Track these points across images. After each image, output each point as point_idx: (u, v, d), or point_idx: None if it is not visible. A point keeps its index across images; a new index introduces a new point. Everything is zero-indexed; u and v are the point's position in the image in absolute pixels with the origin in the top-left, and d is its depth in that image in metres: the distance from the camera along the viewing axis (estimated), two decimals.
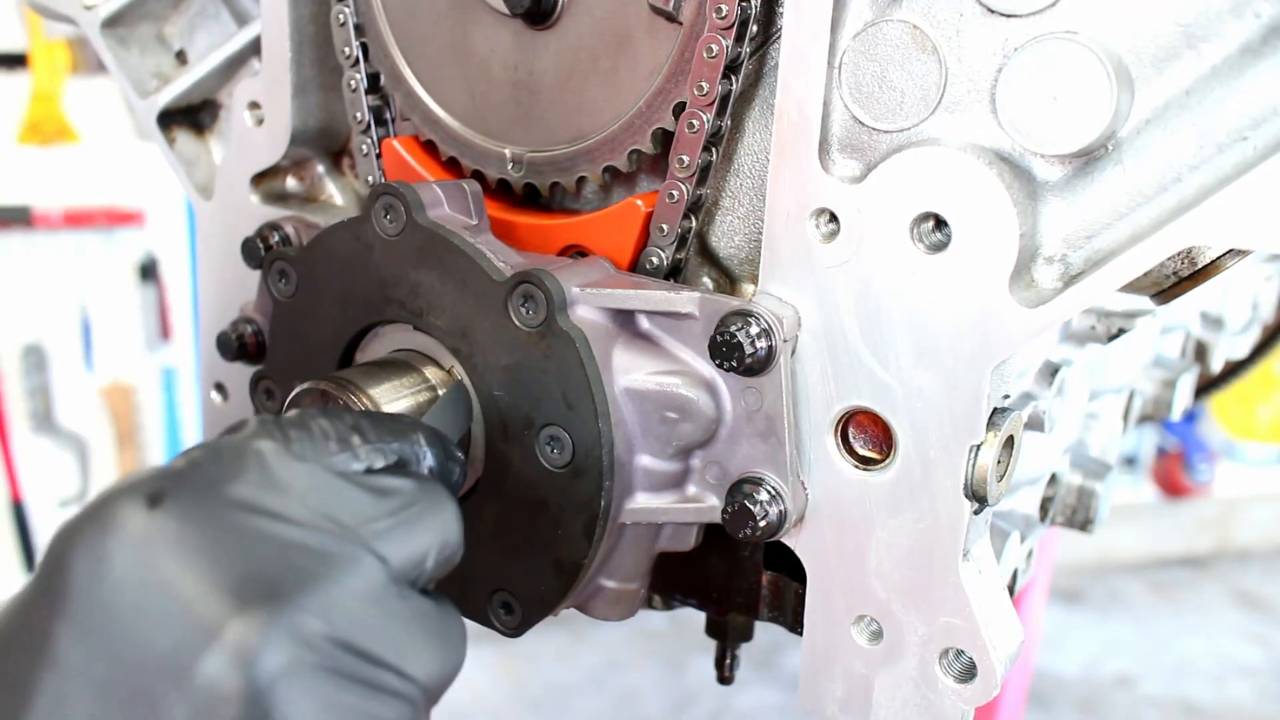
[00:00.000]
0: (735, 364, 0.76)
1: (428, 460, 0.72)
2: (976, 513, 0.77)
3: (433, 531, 0.67)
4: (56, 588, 0.58)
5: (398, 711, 0.60)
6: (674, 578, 0.97)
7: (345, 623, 0.59)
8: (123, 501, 0.59)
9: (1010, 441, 0.78)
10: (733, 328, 0.76)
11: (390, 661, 0.60)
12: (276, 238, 1.00)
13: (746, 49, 0.80)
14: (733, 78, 0.81)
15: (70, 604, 0.57)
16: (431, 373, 0.86)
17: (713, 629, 1.05)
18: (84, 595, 0.57)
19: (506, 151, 0.92)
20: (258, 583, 0.58)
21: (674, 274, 0.88)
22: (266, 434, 0.65)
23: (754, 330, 0.76)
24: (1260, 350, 1.95)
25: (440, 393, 0.86)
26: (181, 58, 1.14)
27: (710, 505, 0.83)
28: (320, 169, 1.09)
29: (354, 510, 0.64)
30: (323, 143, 1.07)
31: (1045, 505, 1.10)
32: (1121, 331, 1.04)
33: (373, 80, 0.97)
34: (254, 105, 1.03)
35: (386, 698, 0.60)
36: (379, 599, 0.62)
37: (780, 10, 0.80)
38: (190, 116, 1.13)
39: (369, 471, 0.68)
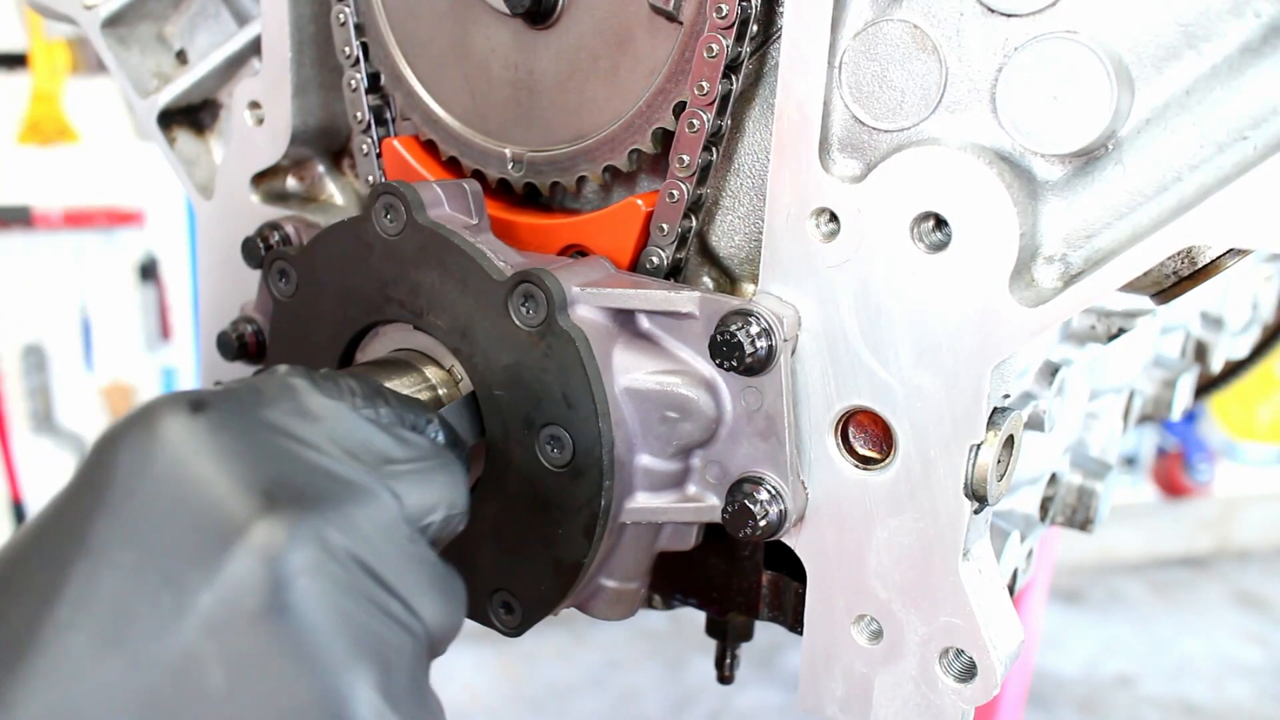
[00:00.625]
0: (735, 363, 0.76)
1: (439, 439, 0.76)
2: (976, 512, 0.77)
3: (444, 488, 0.70)
4: (98, 482, 0.61)
5: (401, 640, 0.62)
6: (674, 577, 0.97)
7: (363, 543, 0.61)
8: (167, 407, 0.63)
9: (1010, 441, 0.78)
10: (733, 327, 0.76)
11: (399, 592, 0.62)
12: (277, 237, 1.00)
13: (747, 48, 0.80)
14: (733, 77, 0.81)
15: (110, 497, 0.60)
16: (432, 372, 0.86)
17: (713, 629, 1.05)
18: (123, 489, 0.60)
19: (507, 151, 0.92)
20: (287, 491, 0.61)
21: (674, 274, 0.88)
22: (300, 374, 0.70)
23: (754, 330, 0.76)
24: (1260, 350, 1.95)
25: (441, 393, 0.86)
26: (181, 57, 1.14)
27: (710, 505, 0.83)
28: (320, 169, 1.09)
29: (375, 450, 0.68)
30: (323, 142, 1.07)
31: (1045, 505, 1.10)
32: (1121, 331, 1.04)
33: (373, 80, 0.97)
34: (254, 105, 1.03)
35: (393, 624, 0.62)
36: (393, 533, 0.64)
37: (780, 10, 0.80)
38: (190, 116, 1.13)
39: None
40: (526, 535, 0.85)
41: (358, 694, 0.58)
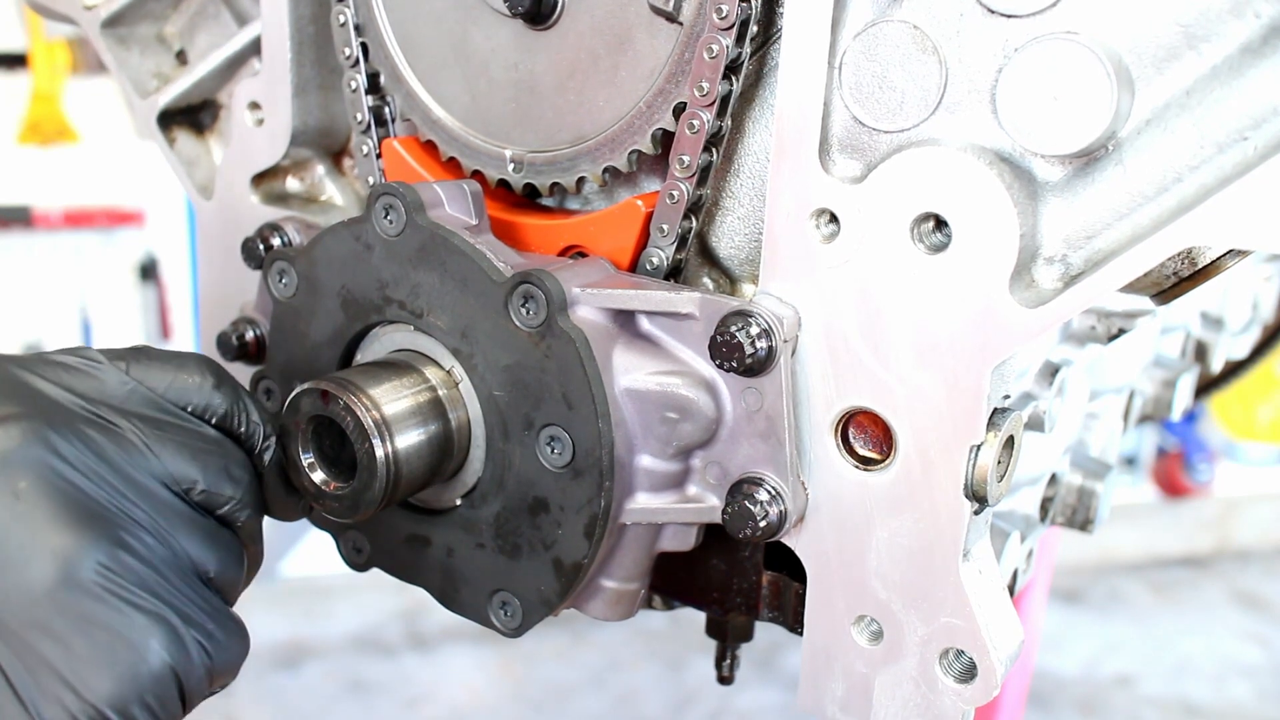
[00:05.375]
0: (735, 364, 0.76)
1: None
2: (977, 513, 0.77)
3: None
4: None
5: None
6: (674, 578, 0.97)
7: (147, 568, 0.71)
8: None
9: (1010, 441, 0.78)
10: (733, 328, 0.76)
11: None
12: (277, 238, 1.00)
13: (747, 49, 0.80)
14: (733, 78, 0.81)
15: None
16: (432, 373, 0.86)
17: (713, 629, 1.05)
18: None
19: (506, 152, 0.92)
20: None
21: (674, 274, 0.88)
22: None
23: (754, 330, 0.76)
24: (1260, 350, 1.95)
25: (441, 393, 0.85)
26: (181, 58, 1.14)
27: (710, 505, 0.83)
28: (320, 169, 1.09)
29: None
30: (323, 143, 1.07)
31: (1045, 505, 1.10)
32: (1121, 331, 1.04)
33: (373, 80, 0.97)
34: (254, 105, 1.03)
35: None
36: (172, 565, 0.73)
37: (780, 10, 0.80)
38: (190, 116, 1.13)
39: None
40: (527, 536, 0.85)
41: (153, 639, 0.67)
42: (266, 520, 0.83)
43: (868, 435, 0.79)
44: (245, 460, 0.79)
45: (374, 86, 0.98)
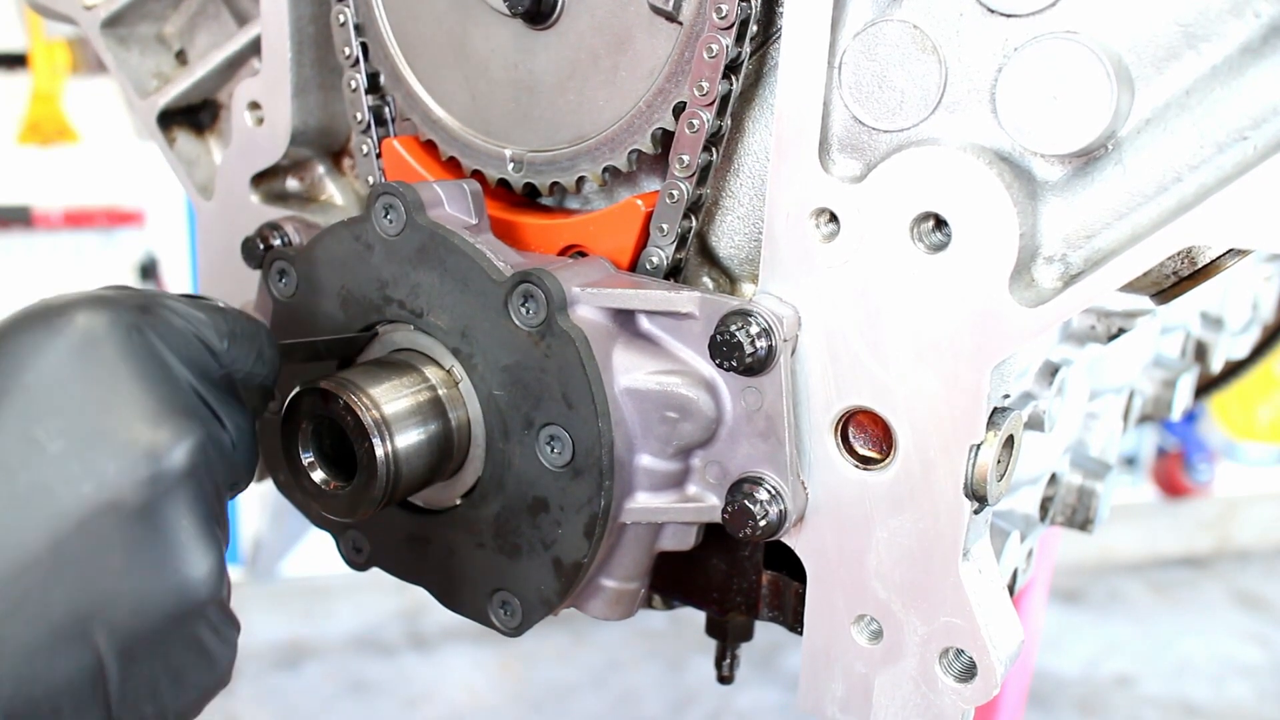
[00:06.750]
0: (735, 364, 0.76)
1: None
2: (976, 512, 0.77)
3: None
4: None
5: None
6: (674, 577, 0.97)
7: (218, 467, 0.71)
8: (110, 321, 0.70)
9: (1010, 441, 0.78)
10: (733, 327, 0.76)
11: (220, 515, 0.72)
12: (277, 238, 1.00)
13: (746, 49, 0.80)
14: (733, 78, 0.81)
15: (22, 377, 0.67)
16: (432, 372, 0.86)
17: (713, 629, 1.05)
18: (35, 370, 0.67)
19: (506, 151, 0.92)
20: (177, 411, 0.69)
21: (674, 274, 0.88)
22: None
23: (754, 330, 0.76)
24: (1260, 350, 1.95)
25: (441, 393, 0.86)
26: (181, 58, 1.14)
27: (710, 505, 0.83)
28: (320, 169, 1.09)
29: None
30: (323, 143, 1.07)
31: (1045, 505, 1.10)
32: (1121, 331, 1.04)
33: (373, 80, 0.97)
34: (254, 105, 1.03)
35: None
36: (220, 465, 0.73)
37: (780, 10, 0.80)
38: (190, 116, 1.13)
39: None
40: (526, 535, 0.85)
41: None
42: (265, 522, 0.84)
43: (867, 435, 0.79)
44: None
45: (374, 86, 0.98)
